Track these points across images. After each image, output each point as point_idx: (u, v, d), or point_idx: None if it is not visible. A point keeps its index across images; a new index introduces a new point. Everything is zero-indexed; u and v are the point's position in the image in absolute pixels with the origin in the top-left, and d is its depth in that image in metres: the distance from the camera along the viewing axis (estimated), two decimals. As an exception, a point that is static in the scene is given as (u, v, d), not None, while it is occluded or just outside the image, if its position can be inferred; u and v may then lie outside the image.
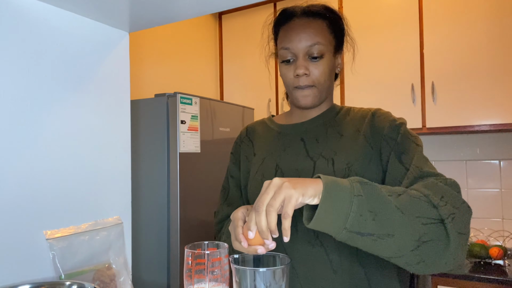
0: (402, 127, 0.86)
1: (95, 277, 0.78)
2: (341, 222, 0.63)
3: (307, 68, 0.88)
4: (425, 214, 0.67)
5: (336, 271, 0.83)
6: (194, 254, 0.64)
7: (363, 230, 0.64)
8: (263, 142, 0.99)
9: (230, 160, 1.07)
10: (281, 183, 0.63)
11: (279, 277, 0.59)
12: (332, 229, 0.64)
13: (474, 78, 2.02)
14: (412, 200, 0.68)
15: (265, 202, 0.62)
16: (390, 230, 0.65)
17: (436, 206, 0.68)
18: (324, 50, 0.88)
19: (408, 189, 0.71)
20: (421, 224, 0.66)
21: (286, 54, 0.89)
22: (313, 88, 0.90)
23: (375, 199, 0.65)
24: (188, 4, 0.79)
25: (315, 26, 0.88)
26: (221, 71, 2.87)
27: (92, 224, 0.82)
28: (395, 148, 0.84)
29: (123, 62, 0.93)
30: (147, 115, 1.74)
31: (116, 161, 0.90)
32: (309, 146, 0.91)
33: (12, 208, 0.70)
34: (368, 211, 0.64)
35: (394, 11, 2.22)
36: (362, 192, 0.65)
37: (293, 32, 0.89)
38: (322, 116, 0.96)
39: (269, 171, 0.92)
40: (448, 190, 0.71)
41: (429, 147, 2.44)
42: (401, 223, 0.65)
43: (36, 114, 0.75)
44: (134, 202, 1.74)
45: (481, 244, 1.95)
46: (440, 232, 0.67)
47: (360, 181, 0.67)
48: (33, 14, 0.75)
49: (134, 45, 2.21)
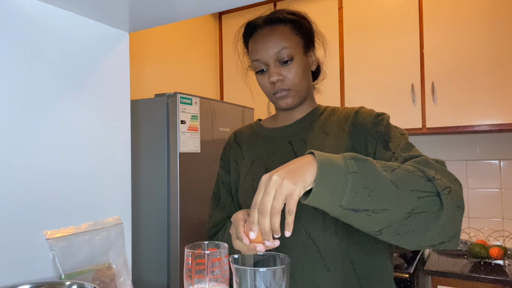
0: (385, 120, 0.88)
1: (95, 277, 0.78)
2: (336, 200, 0.63)
3: (280, 74, 0.90)
4: (420, 187, 0.67)
5: (328, 269, 0.84)
6: (194, 254, 0.64)
7: (358, 206, 0.64)
8: (252, 146, 1.01)
9: (219, 165, 1.08)
10: (280, 180, 0.62)
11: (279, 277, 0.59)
12: (327, 207, 0.64)
13: (474, 78, 2.02)
14: (406, 174, 0.68)
15: (269, 204, 0.61)
16: (385, 205, 0.65)
17: (431, 180, 0.68)
18: (293, 52, 0.90)
19: (402, 164, 0.71)
20: (416, 197, 0.66)
21: (258, 65, 0.92)
22: (290, 90, 0.92)
23: (370, 175, 0.65)
24: (188, 4, 0.79)
25: (278, 32, 0.90)
26: (221, 71, 2.87)
27: (92, 224, 0.82)
28: (380, 139, 0.85)
29: (123, 62, 0.93)
30: (147, 115, 1.74)
31: (116, 161, 0.90)
32: (297, 148, 0.92)
33: (12, 208, 0.70)
34: (363, 188, 0.64)
35: (394, 11, 2.22)
36: (356, 169, 0.65)
37: (259, 42, 0.91)
38: (307, 118, 0.97)
39: (259, 174, 0.94)
40: (440, 167, 0.73)
41: (429, 147, 2.44)
42: (396, 197, 0.65)
43: (36, 114, 0.75)
44: (134, 202, 1.74)
45: (481, 244, 1.95)
46: (434, 204, 0.67)
47: (355, 157, 0.67)
48: (33, 14, 0.75)
49: (134, 45, 2.21)
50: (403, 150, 0.80)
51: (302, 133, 0.94)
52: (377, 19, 2.27)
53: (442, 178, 0.70)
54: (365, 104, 2.27)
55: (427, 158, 0.75)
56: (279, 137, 0.97)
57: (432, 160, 0.75)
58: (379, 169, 0.67)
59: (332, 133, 0.92)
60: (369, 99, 2.27)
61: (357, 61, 2.30)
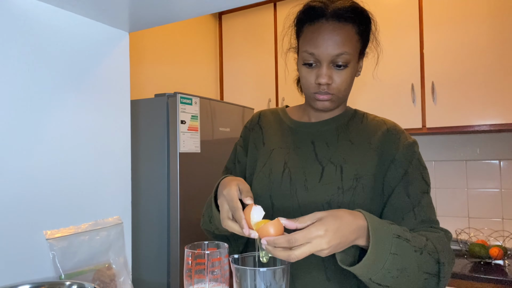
0: (415, 156, 0.86)
1: (95, 277, 0.78)
2: (370, 273, 0.68)
3: (330, 77, 0.84)
4: (430, 270, 0.73)
5: (329, 279, 0.83)
6: (194, 254, 0.64)
7: (383, 282, 0.69)
8: (274, 133, 0.97)
9: (238, 143, 1.04)
10: (326, 240, 0.62)
11: (279, 277, 0.59)
12: (359, 275, 0.69)
13: (474, 78, 2.02)
14: (428, 258, 0.73)
15: (300, 242, 0.62)
16: (404, 285, 0.70)
17: (440, 264, 0.74)
18: (350, 59, 0.84)
19: (428, 240, 0.76)
20: (424, 279, 0.72)
21: (310, 58, 0.84)
22: (333, 95, 0.87)
23: (406, 258, 0.70)
24: (188, 4, 0.79)
25: (344, 33, 0.83)
26: (221, 71, 2.86)
27: (92, 224, 0.82)
28: (404, 179, 0.84)
29: (123, 62, 0.93)
30: (147, 115, 1.74)
31: (116, 161, 0.90)
32: (318, 150, 0.89)
33: (12, 208, 0.70)
34: (396, 270, 0.69)
35: (394, 11, 2.22)
36: (397, 250, 0.69)
37: (320, 37, 0.82)
38: (335, 120, 0.94)
39: (277, 167, 0.91)
40: (449, 247, 0.78)
41: (429, 147, 2.44)
42: (413, 279, 0.71)
43: (36, 114, 0.75)
44: (134, 202, 1.74)
45: (481, 244, 1.95)
46: (433, 284, 0.74)
47: (399, 235, 0.70)
48: (33, 14, 0.75)
49: (134, 45, 2.21)
50: (424, 210, 0.82)
51: (327, 136, 0.91)
52: (377, 19, 2.27)
53: (446, 263, 0.75)
54: (365, 104, 2.27)
55: (444, 237, 0.79)
56: (303, 132, 0.94)
57: (446, 236, 0.80)
58: (413, 251, 0.71)
59: (357, 143, 0.89)
60: (369, 98, 2.27)
61: (357, 61, 2.30)
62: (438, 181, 2.41)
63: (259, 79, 2.67)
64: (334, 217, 0.65)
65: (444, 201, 2.39)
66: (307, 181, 0.86)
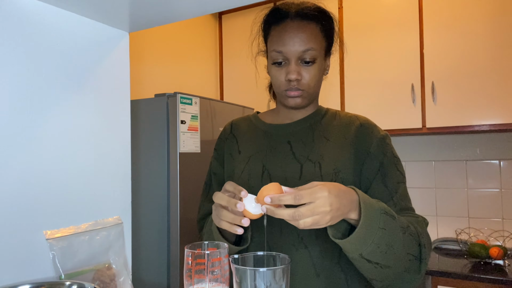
0: (388, 149, 0.90)
1: (95, 277, 0.78)
2: (360, 248, 0.70)
3: (299, 73, 0.87)
4: (413, 251, 0.77)
5: (318, 274, 0.84)
6: (194, 254, 0.64)
7: (373, 259, 0.71)
8: (249, 140, 0.98)
9: (213, 156, 1.05)
10: (329, 202, 0.65)
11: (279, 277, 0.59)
12: (350, 250, 0.71)
13: (474, 78, 2.02)
14: (411, 238, 0.76)
15: (305, 200, 0.65)
16: (391, 263, 0.73)
17: (421, 247, 0.78)
18: (317, 55, 0.87)
19: (410, 223, 0.79)
20: (408, 259, 0.75)
21: (278, 57, 0.88)
22: (303, 91, 0.89)
23: (394, 234, 0.72)
24: (188, 4, 0.79)
25: (309, 30, 0.87)
26: (221, 71, 2.87)
27: (92, 224, 0.82)
28: (380, 171, 0.87)
29: (123, 62, 0.93)
30: (147, 115, 1.74)
31: (116, 161, 0.90)
32: (295, 149, 0.91)
33: (12, 208, 0.70)
34: (385, 244, 0.71)
35: (394, 11, 2.22)
36: (386, 226, 0.71)
37: (286, 35, 0.86)
38: (308, 119, 0.95)
39: (256, 171, 0.92)
40: (427, 232, 0.83)
41: (429, 147, 2.44)
42: (400, 256, 0.73)
43: (36, 114, 0.75)
44: (134, 202, 1.74)
45: (481, 244, 1.95)
46: (415, 267, 0.77)
47: (386, 212, 0.73)
48: (33, 14, 0.75)
49: (134, 45, 2.21)
50: (402, 199, 0.86)
51: (302, 135, 0.93)
52: (377, 19, 2.27)
53: (426, 246, 0.79)
54: (365, 104, 2.27)
55: (423, 222, 0.84)
56: (278, 134, 0.95)
57: (424, 221, 0.85)
58: (399, 229, 0.74)
59: (332, 139, 0.91)
60: (369, 98, 2.27)
61: (357, 61, 2.30)
62: (438, 181, 2.41)
63: (259, 79, 2.67)
64: (334, 185, 0.68)
65: (444, 201, 2.39)
66: (287, 179, 0.88)
